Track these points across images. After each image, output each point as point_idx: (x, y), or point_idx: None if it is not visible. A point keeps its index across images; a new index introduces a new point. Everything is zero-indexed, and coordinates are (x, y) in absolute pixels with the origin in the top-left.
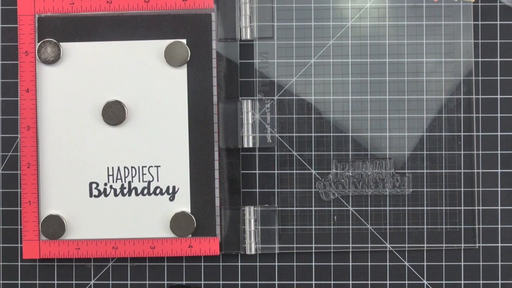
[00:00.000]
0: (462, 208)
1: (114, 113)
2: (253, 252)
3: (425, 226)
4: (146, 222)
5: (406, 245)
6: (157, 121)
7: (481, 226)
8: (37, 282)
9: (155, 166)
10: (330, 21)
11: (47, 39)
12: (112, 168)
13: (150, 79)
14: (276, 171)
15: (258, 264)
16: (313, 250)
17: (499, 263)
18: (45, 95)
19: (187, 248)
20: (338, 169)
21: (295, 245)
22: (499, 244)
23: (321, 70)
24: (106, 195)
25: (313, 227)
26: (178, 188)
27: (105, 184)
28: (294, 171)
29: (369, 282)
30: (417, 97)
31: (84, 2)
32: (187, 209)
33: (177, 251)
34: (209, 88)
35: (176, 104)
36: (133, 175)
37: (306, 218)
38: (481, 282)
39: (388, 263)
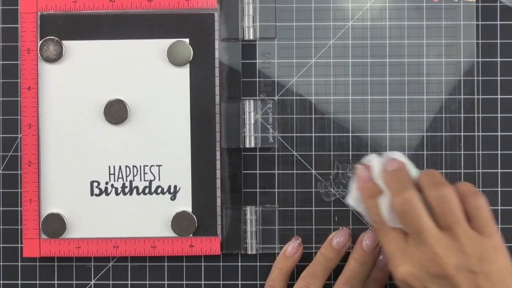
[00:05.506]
0: None
1: (116, 112)
2: (254, 252)
3: None
4: (147, 221)
5: None
6: (159, 121)
7: None
8: (37, 282)
9: (156, 166)
10: (331, 22)
11: (49, 37)
12: (114, 167)
13: (153, 78)
14: (277, 171)
15: (258, 264)
16: (313, 250)
17: None
18: (47, 93)
19: (188, 247)
20: (339, 170)
21: None
22: None
23: (322, 71)
24: (107, 194)
25: (314, 227)
26: (180, 188)
27: (106, 183)
28: (295, 171)
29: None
30: (418, 98)
31: (86, 0)
32: (188, 208)
33: (178, 251)
34: (211, 88)
35: (178, 104)
36: (135, 174)
37: (306, 218)
38: None
39: None
